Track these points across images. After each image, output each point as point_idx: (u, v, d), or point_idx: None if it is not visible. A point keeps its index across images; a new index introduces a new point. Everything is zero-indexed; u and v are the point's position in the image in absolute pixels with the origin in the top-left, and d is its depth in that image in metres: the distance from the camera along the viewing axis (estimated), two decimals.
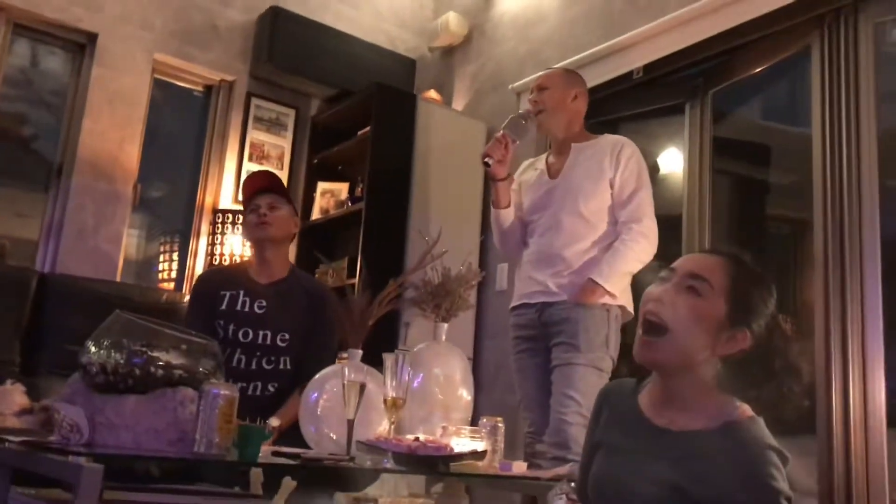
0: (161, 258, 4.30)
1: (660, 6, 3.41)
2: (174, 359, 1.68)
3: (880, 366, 2.60)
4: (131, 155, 3.87)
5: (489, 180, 2.80)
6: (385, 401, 1.78)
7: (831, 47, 2.88)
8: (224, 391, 1.52)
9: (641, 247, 2.62)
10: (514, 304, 2.82)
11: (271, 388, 2.63)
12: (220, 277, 2.80)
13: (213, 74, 4.22)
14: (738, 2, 3.10)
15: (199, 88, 4.30)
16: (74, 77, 3.92)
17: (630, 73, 3.51)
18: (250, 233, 2.77)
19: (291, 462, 1.63)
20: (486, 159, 2.69)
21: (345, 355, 2.04)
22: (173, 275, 4.20)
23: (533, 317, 2.71)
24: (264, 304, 2.67)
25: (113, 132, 3.84)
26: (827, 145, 2.82)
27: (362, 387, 1.73)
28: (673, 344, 1.40)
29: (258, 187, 2.76)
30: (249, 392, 2.60)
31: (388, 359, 1.81)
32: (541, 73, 2.99)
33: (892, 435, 2.58)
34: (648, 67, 3.46)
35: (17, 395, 2.01)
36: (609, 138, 2.84)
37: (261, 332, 2.63)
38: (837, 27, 2.88)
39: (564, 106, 2.82)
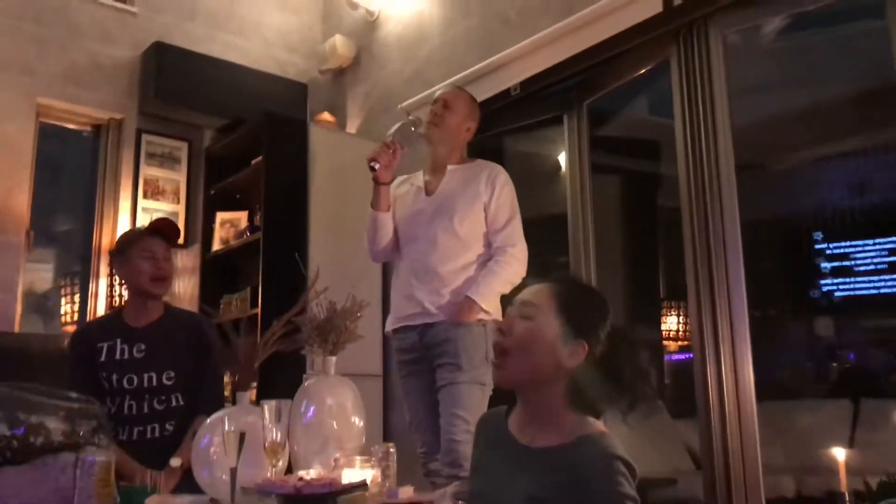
0: (63, 300, 4.25)
1: (531, 25, 3.56)
2: (53, 425, 1.71)
3: (747, 345, 2.82)
4: (21, 203, 3.83)
5: (373, 182, 2.82)
6: (265, 446, 1.86)
7: (687, 57, 3.09)
8: (100, 457, 1.57)
9: (514, 269, 2.73)
10: (394, 326, 2.85)
11: (169, 427, 2.66)
12: (93, 331, 2.82)
13: (101, 114, 4.20)
14: (600, 19, 3.27)
15: (88, 128, 4.27)
16: None
17: (508, 90, 3.65)
18: (146, 285, 2.72)
19: None
20: (372, 163, 2.73)
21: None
22: (76, 317, 4.16)
23: (415, 339, 2.76)
24: (143, 347, 2.69)
25: (0, 181, 3.80)
26: (688, 143, 3.05)
27: (242, 435, 1.80)
28: (517, 363, 1.56)
29: (155, 231, 2.78)
30: (148, 435, 2.64)
31: (266, 406, 1.88)
32: (448, 87, 3.05)
33: (760, 408, 2.81)
34: (525, 83, 3.60)
35: None
36: (485, 164, 2.91)
37: (145, 376, 2.66)
38: (691, 39, 3.08)
39: (459, 132, 2.89)
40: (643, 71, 3.36)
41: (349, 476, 2.06)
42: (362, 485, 1.90)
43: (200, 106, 4.27)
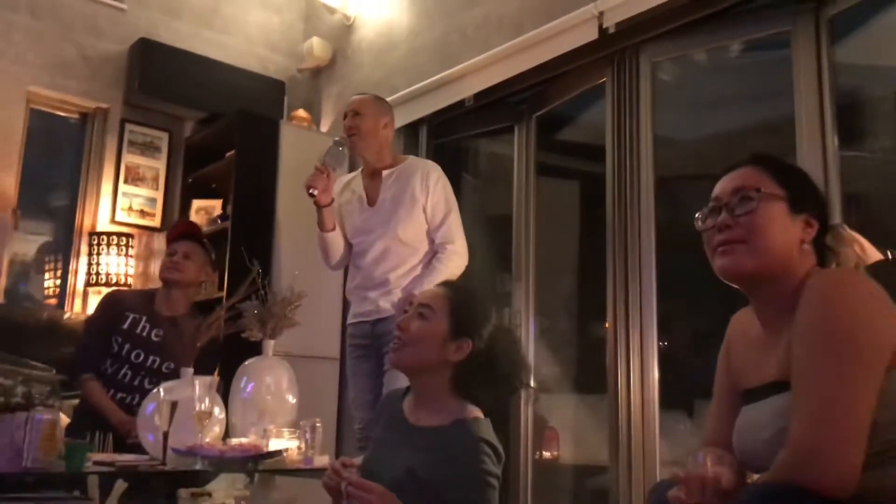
0: (47, 276, 4.56)
1: (485, 41, 3.84)
2: (13, 388, 2.02)
3: (654, 355, 3.12)
4: (8, 184, 4.12)
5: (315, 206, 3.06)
6: (193, 414, 2.16)
7: (620, 80, 3.39)
8: (46, 416, 1.87)
9: (455, 263, 3.04)
10: (351, 321, 3.18)
11: None
12: (128, 299, 3.20)
13: (88, 103, 4.48)
14: (546, 41, 3.54)
15: (76, 116, 4.56)
16: None
17: (463, 101, 3.94)
18: (161, 273, 3.18)
19: (107, 469, 2.00)
20: (310, 190, 2.97)
21: None
22: (58, 292, 4.46)
23: (367, 329, 3.08)
24: (161, 333, 3.07)
25: None
26: (616, 158, 3.36)
27: (174, 404, 2.11)
28: (410, 354, 1.87)
29: (179, 234, 3.27)
30: (128, 401, 3.00)
31: (198, 380, 2.19)
32: (354, 97, 3.27)
33: (662, 412, 3.11)
34: (479, 95, 3.89)
35: None
36: (416, 163, 3.18)
37: (151, 357, 3.04)
38: (624, 64, 3.37)
39: (377, 132, 3.13)
40: (585, 89, 3.64)
41: (276, 445, 2.38)
42: (277, 453, 2.21)
43: (182, 99, 4.56)
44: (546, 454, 4.66)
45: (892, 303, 1.32)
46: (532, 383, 2.20)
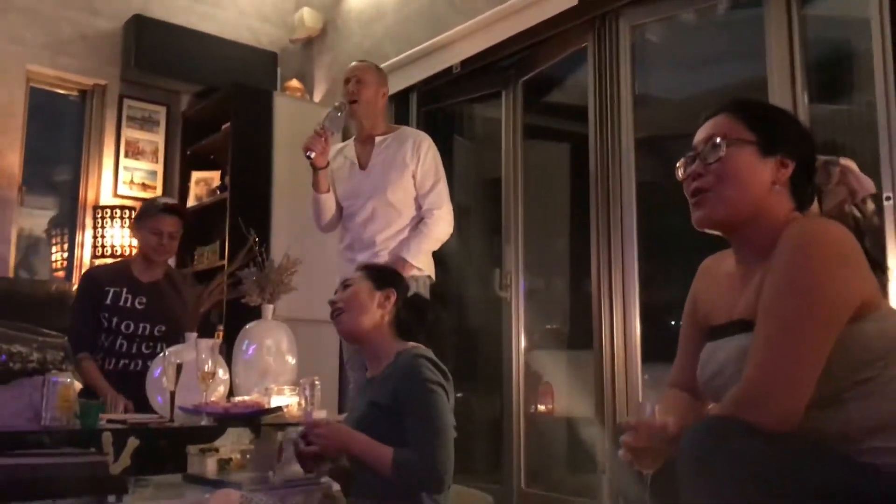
0: (53, 249, 4.70)
1: (472, 8, 3.92)
2: (29, 354, 2.16)
3: (637, 311, 3.26)
4: (13, 162, 4.25)
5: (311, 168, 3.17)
6: (198, 375, 2.31)
7: (601, 44, 3.49)
8: (62, 379, 2.02)
9: (441, 228, 3.17)
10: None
11: (149, 364, 3.12)
12: (105, 275, 3.31)
13: (86, 80, 4.59)
14: (529, 7, 3.64)
15: (75, 93, 4.67)
16: None
17: (451, 68, 4.03)
18: (149, 251, 3.27)
19: (120, 427, 2.15)
20: (307, 153, 3.08)
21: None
22: (66, 264, 4.61)
23: None
24: (144, 300, 3.20)
25: None
26: (597, 120, 3.48)
27: (179, 366, 2.26)
28: (348, 317, 2.16)
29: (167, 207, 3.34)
30: (130, 368, 3.15)
31: (200, 343, 2.33)
32: (356, 63, 3.37)
33: (650, 366, 3.25)
34: (466, 62, 3.98)
35: None
36: (408, 132, 3.29)
37: (140, 325, 3.18)
38: (605, 28, 3.47)
39: (376, 100, 3.25)
40: (568, 53, 3.74)
41: (277, 401, 2.53)
42: (278, 409, 2.36)
43: (178, 73, 4.67)
44: (541, 408, 4.85)
45: (863, 257, 1.38)
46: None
